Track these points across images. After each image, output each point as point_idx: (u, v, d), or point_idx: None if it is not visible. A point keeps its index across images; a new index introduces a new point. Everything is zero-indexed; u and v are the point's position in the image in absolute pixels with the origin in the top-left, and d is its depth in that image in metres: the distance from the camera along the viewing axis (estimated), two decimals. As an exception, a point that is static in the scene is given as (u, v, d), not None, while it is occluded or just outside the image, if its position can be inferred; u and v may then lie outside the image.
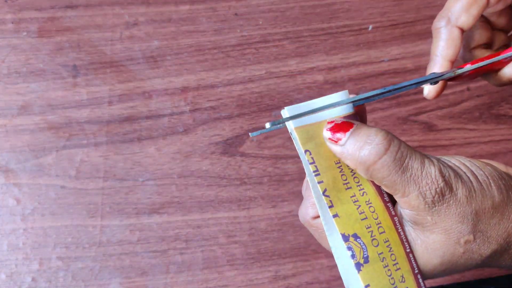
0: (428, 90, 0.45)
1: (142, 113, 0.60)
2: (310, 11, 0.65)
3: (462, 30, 0.44)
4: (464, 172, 0.35)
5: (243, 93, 0.61)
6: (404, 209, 0.35)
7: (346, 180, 0.35)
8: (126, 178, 0.58)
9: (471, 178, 0.35)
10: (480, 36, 0.46)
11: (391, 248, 0.35)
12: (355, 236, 0.34)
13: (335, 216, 0.34)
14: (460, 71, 0.41)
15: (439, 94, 0.45)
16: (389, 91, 0.37)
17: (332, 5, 0.65)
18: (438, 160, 0.35)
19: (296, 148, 0.35)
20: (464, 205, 0.34)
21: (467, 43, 0.46)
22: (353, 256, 0.33)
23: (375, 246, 0.34)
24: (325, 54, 0.63)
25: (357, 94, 0.62)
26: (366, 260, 0.34)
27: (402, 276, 0.34)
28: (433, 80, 0.40)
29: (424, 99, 0.62)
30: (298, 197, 0.58)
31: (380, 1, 0.65)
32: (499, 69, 0.44)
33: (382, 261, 0.34)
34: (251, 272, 0.55)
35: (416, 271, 0.35)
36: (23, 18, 0.63)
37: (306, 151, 0.34)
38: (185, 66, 0.62)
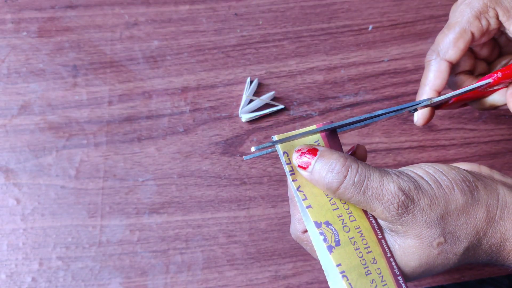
0: (417, 117, 0.49)
1: (142, 113, 0.60)
2: (310, 11, 0.65)
3: (451, 63, 0.48)
4: (426, 181, 0.38)
5: (243, 93, 0.61)
6: (379, 220, 0.39)
7: None
8: (126, 178, 0.58)
9: (433, 185, 0.38)
10: (464, 63, 0.51)
11: (362, 234, 0.39)
12: (327, 223, 0.39)
13: (308, 207, 0.39)
14: (435, 99, 0.45)
15: (428, 121, 0.49)
16: (365, 119, 0.41)
17: (332, 5, 0.65)
18: (399, 175, 0.38)
19: (277, 151, 0.40)
20: (428, 212, 0.37)
21: (452, 69, 0.50)
22: (325, 240, 0.38)
23: (346, 232, 0.39)
24: (325, 54, 0.63)
25: (357, 93, 0.62)
26: (338, 244, 0.38)
27: (374, 258, 0.38)
28: (411, 108, 0.44)
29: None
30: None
31: (380, 1, 0.65)
32: (482, 97, 0.49)
33: (353, 244, 0.38)
34: (251, 272, 0.55)
35: (389, 255, 0.39)
36: (23, 18, 0.63)
37: (284, 152, 0.39)
38: (185, 66, 0.62)
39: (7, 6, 0.64)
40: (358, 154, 0.43)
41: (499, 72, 0.45)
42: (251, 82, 0.61)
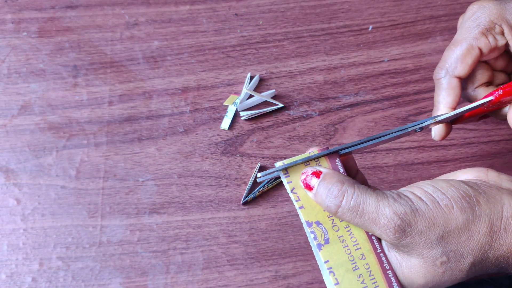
0: (434, 133, 0.50)
1: (143, 113, 0.60)
2: (310, 11, 0.65)
3: (460, 78, 0.48)
4: (424, 202, 0.38)
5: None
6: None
7: None
8: (126, 178, 0.58)
9: (431, 206, 0.38)
10: (482, 76, 0.50)
11: (351, 232, 0.41)
12: (318, 223, 0.41)
13: (301, 207, 0.41)
14: (439, 118, 0.46)
15: (445, 136, 0.50)
16: (371, 139, 0.43)
17: (332, 5, 0.65)
18: (396, 198, 0.38)
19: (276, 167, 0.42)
20: (427, 234, 0.38)
21: (471, 83, 0.50)
22: (315, 238, 0.41)
23: (336, 231, 0.41)
24: (325, 54, 0.63)
25: (357, 93, 0.62)
26: (327, 242, 0.41)
27: (362, 255, 0.40)
28: (416, 127, 0.45)
29: (424, 98, 0.62)
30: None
31: (380, 1, 0.65)
32: (498, 109, 0.48)
33: (342, 242, 0.41)
34: (251, 272, 0.55)
35: (379, 251, 0.41)
36: (23, 18, 0.63)
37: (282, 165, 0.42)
38: (185, 67, 0.62)
39: (7, 6, 0.64)
40: (358, 179, 0.44)
41: (499, 90, 0.45)
42: (252, 77, 0.61)
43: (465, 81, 0.51)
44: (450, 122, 0.49)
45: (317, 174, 0.41)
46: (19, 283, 0.54)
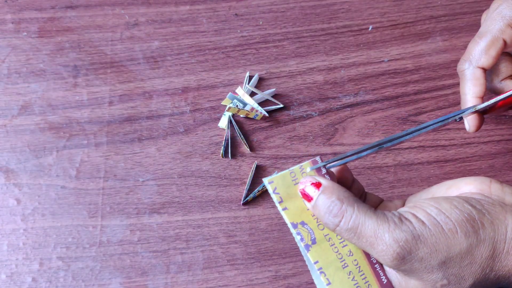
0: (469, 125, 0.49)
1: (143, 113, 0.60)
2: (310, 11, 0.65)
3: (484, 69, 0.49)
4: (427, 226, 0.37)
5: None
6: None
7: (294, 177, 0.42)
8: (126, 178, 0.58)
9: (434, 231, 0.37)
10: (506, 69, 0.51)
11: None
12: (303, 223, 0.41)
13: (284, 209, 0.41)
14: (479, 106, 0.47)
15: (479, 127, 0.49)
16: (394, 139, 0.43)
17: (332, 5, 0.65)
18: (397, 223, 0.37)
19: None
20: (428, 260, 0.37)
21: (496, 76, 0.51)
22: (302, 239, 0.40)
23: (321, 230, 0.41)
24: (325, 54, 0.63)
25: (357, 94, 0.62)
26: (314, 242, 0.40)
27: (350, 251, 0.40)
28: (456, 117, 0.46)
29: (424, 99, 0.62)
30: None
31: (380, 1, 0.65)
32: None
33: (329, 241, 0.40)
34: (251, 272, 0.55)
35: None
36: (23, 18, 0.63)
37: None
38: (185, 67, 0.62)
39: (7, 6, 0.64)
40: (354, 189, 0.44)
41: None
42: (251, 77, 0.61)
43: (490, 75, 0.51)
44: (482, 113, 0.49)
45: (317, 185, 0.40)
46: (19, 283, 0.54)
